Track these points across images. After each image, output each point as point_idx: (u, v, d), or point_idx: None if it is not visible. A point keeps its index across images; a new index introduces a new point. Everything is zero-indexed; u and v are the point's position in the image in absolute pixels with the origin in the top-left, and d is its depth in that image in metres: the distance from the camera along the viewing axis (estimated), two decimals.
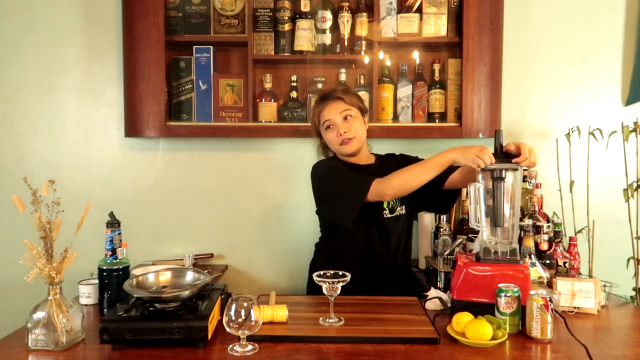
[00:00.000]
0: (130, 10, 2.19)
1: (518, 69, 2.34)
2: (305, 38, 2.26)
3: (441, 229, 1.99)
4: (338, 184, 1.77)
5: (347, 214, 1.72)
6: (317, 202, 1.90)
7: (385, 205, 1.85)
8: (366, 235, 1.83)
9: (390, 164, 1.92)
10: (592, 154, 2.24)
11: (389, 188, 1.68)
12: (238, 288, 2.39)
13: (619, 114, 2.34)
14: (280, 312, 1.41)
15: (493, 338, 1.29)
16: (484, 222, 1.57)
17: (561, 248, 1.77)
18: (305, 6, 2.26)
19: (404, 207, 1.90)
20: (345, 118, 1.82)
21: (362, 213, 1.76)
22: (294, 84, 2.31)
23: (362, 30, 2.27)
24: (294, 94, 2.31)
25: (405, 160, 1.93)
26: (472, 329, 1.30)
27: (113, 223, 1.58)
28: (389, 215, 1.86)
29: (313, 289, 1.77)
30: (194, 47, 2.28)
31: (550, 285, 1.62)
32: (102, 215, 1.60)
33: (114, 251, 1.57)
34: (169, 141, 2.38)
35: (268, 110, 2.29)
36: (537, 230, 1.81)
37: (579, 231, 2.16)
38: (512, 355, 1.27)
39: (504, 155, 1.56)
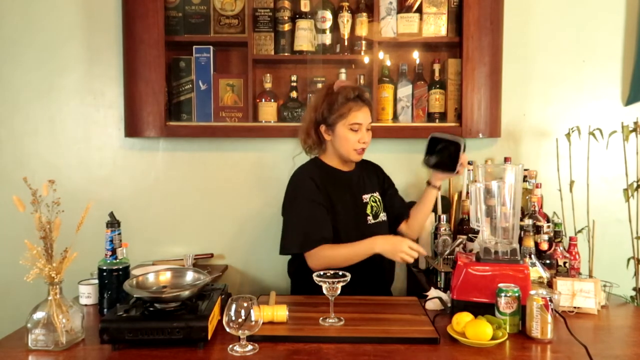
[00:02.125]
0: (130, 10, 2.19)
1: (518, 69, 2.34)
2: (305, 38, 2.26)
3: (441, 229, 1.99)
4: (300, 217, 1.76)
5: (287, 249, 1.77)
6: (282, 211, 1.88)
7: (368, 211, 1.85)
8: (354, 241, 1.80)
9: (367, 172, 1.96)
10: (592, 154, 2.24)
11: (316, 262, 1.71)
12: (238, 288, 2.40)
13: (619, 113, 2.34)
14: (280, 312, 1.41)
15: (493, 338, 1.29)
16: (484, 222, 1.57)
17: (561, 248, 1.77)
18: (305, 6, 2.26)
19: (385, 213, 1.93)
20: (368, 129, 1.82)
21: (349, 220, 1.80)
22: (294, 84, 2.31)
23: (362, 30, 2.27)
24: (294, 94, 2.31)
25: (380, 173, 2.01)
26: (472, 329, 1.30)
27: (113, 223, 1.58)
28: (372, 221, 1.86)
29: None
30: (194, 47, 2.27)
31: (550, 285, 1.62)
32: (102, 215, 1.60)
33: (114, 251, 1.57)
34: (169, 141, 2.38)
35: (268, 110, 2.29)
36: (537, 230, 1.81)
37: (579, 231, 2.16)
38: (512, 355, 1.27)
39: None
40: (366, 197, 1.87)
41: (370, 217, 1.85)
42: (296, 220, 1.76)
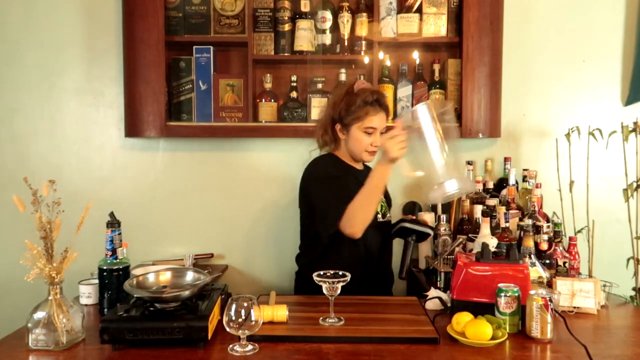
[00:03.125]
0: (130, 11, 2.19)
1: (518, 69, 2.34)
2: (305, 38, 2.26)
3: (441, 229, 1.99)
4: (327, 197, 1.71)
5: (328, 230, 1.69)
6: (306, 202, 1.83)
7: (378, 209, 1.83)
8: (365, 239, 1.76)
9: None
10: (592, 154, 2.24)
11: (351, 229, 1.63)
12: (238, 288, 2.39)
13: (618, 114, 2.34)
14: (280, 312, 1.41)
15: (493, 338, 1.29)
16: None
17: (561, 248, 1.77)
18: (305, 6, 2.26)
19: (390, 215, 1.94)
20: (382, 132, 1.82)
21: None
22: (294, 84, 2.31)
23: (362, 30, 2.27)
24: (294, 94, 2.31)
25: None
26: (472, 328, 1.30)
27: (113, 223, 1.58)
28: (381, 220, 1.86)
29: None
30: (194, 47, 2.28)
31: (550, 285, 1.62)
32: (102, 215, 1.60)
33: (114, 251, 1.58)
34: (169, 141, 2.39)
35: (268, 110, 2.30)
36: (537, 230, 1.81)
37: (579, 231, 2.16)
38: (512, 355, 1.27)
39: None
40: None
41: (379, 215, 1.85)
42: (324, 201, 1.72)
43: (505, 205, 1.96)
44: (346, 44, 2.29)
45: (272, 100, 2.30)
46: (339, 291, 1.42)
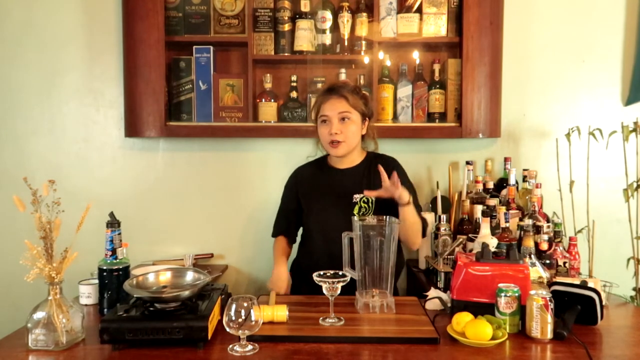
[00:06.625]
0: (130, 11, 2.19)
1: (518, 69, 2.34)
2: (305, 38, 2.26)
3: (441, 229, 1.99)
4: (279, 206, 2.03)
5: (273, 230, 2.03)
6: None
7: (356, 211, 1.79)
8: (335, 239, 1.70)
9: (370, 170, 1.85)
10: (592, 154, 2.24)
11: None
12: (238, 288, 2.40)
13: (619, 114, 2.34)
14: (280, 312, 1.41)
15: (493, 338, 1.29)
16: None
17: (561, 248, 1.77)
18: (305, 6, 2.26)
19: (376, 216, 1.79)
20: (343, 119, 1.78)
21: (331, 218, 1.81)
22: (294, 84, 2.31)
23: (362, 30, 2.27)
24: (294, 94, 2.31)
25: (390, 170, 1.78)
26: (472, 329, 1.30)
27: (113, 223, 1.58)
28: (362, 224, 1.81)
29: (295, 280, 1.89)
30: (194, 47, 2.28)
31: (550, 285, 1.62)
32: (102, 215, 1.60)
33: (114, 251, 1.57)
34: (169, 141, 2.39)
35: (268, 110, 2.30)
36: (537, 230, 1.81)
37: (579, 231, 2.16)
38: (512, 355, 1.27)
39: None
40: (357, 197, 1.81)
41: (355, 218, 1.71)
42: (279, 208, 2.04)
43: (505, 205, 1.96)
44: (346, 44, 2.28)
45: (272, 100, 2.30)
46: (339, 291, 1.42)
